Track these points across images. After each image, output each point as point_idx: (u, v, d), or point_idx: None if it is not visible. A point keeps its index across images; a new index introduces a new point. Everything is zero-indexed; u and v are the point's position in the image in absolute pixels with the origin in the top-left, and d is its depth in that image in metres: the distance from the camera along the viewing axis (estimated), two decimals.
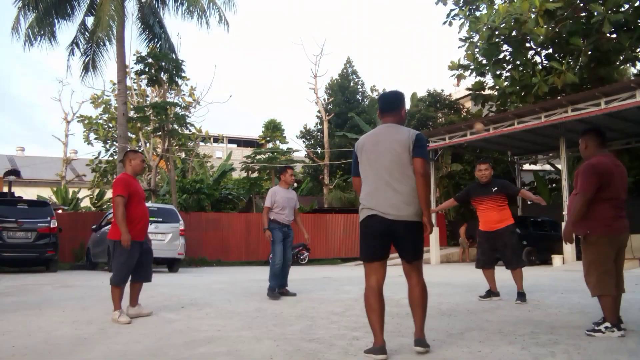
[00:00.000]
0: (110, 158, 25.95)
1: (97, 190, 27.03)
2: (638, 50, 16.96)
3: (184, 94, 24.70)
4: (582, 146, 4.22)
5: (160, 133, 19.94)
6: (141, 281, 5.20)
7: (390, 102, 3.64)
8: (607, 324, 3.89)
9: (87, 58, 17.87)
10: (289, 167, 6.98)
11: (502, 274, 6.32)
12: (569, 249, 13.39)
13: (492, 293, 6.12)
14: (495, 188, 6.05)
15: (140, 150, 25.28)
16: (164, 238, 12.55)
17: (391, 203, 3.37)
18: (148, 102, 22.99)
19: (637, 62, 18.08)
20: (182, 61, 18.60)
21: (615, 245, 4.02)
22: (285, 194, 6.66)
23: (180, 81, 20.54)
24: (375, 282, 3.40)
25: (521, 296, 5.78)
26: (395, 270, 5.53)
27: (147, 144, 24.51)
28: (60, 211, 20.29)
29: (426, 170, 3.43)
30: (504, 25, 15.97)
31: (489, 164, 6.23)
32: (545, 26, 15.82)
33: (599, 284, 3.93)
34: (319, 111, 27.99)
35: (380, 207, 3.38)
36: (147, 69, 18.62)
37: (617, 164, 4.09)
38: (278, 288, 6.54)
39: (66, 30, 63.22)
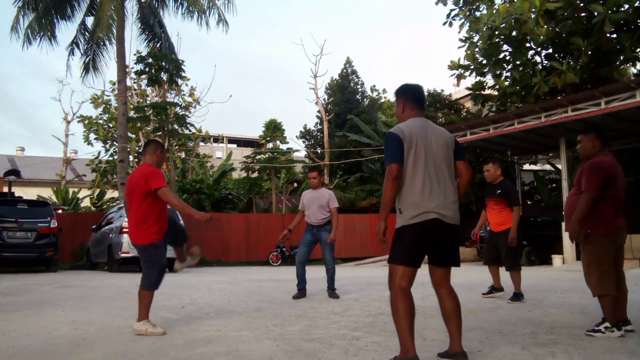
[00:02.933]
0: (110, 158, 25.95)
1: (97, 190, 27.02)
2: (638, 50, 16.95)
3: (184, 94, 24.74)
4: (587, 145, 4.16)
5: (160, 133, 19.95)
6: (181, 244, 4.83)
7: (423, 97, 3.44)
8: (607, 324, 3.89)
9: (88, 58, 17.88)
10: (311, 169, 6.89)
11: (503, 274, 6.32)
12: (568, 249, 13.38)
13: (495, 289, 6.19)
14: (499, 191, 6.11)
15: (141, 150, 25.30)
16: None
17: (446, 204, 3.14)
18: (148, 102, 22.99)
19: (637, 62, 18.08)
20: (182, 61, 18.62)
21: (615, 244, 4.03)
22: (312, 194, 6.57)
23: (180, 81, 20.55)
24: (408, 285, 3.12)
25: (515, 296, 5.81)
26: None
27: None
28: (60, 211, 20.28)
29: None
30: (504, 25, 15.96)
31: (492, 163, 6.25)
32: (545, 26, 15.81)
33: (600, 283, 3.93)
34: (319, 111, 27.99)
35: (439, 209, 3.10)
36: (147, 69, 18.62)
37: (617, 164, 4.10)
38: (327, 290, 6.53)
39: (66, 30, 63.14)
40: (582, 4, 15.89)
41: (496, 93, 19.24)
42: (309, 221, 6.54)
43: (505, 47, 17.97)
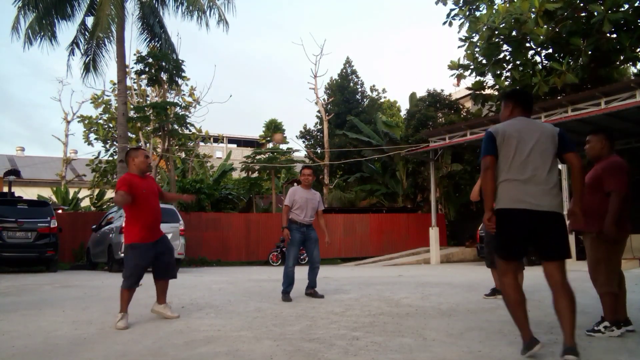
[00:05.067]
0: (110, 158, 25.94)
1: (97, 190, 27.01)
2: (638, 50, 16.95)
3: (184, 94, 24.69)
4: (596, 145, 4.17)
5: (160, 133, 19.93)
6: (165, 278, 5.04)
7: (531, 101, 3.65)
8: (606, 323, 3.89)
9: (88, 58, 17.85)
10: (305, 167, 6.84)
11: None
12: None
13: (497, 291, 6.17)
14: None
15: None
16: None
17: (538, 194, 3.27)
18: (148, 102, 22.98)
19: (637, 62, 18.07)
20: (182, 61, 18.60)
21: (625, 243, 4.05)
22: (305, 194, 6.50)
23: (180, 81, 20.53)
24: (514, 279, 3.34)
25: None
26: (393, 270, 5.52)
27: (147, 144, 24.51)
28: (60, 211, 20.28)
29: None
30: (503, 25, 15.95)
31: None
32: (545, 26, 15.80)
33: (607, 281, 3.93)
34: (318, 111, 27.99)
35: (536, 199, 3.26)
36: (147, 69, 18.60)
37: None
38: (307, 289, 6.53)
39: (66, 30, 63.18)
40: (581, 4, 15.88)
41: (496, 93, 19.24)
42: (299, 220, 6.42)
43: (505, 47, 17.96)
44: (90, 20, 17.74)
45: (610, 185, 3.96)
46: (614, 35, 16.35)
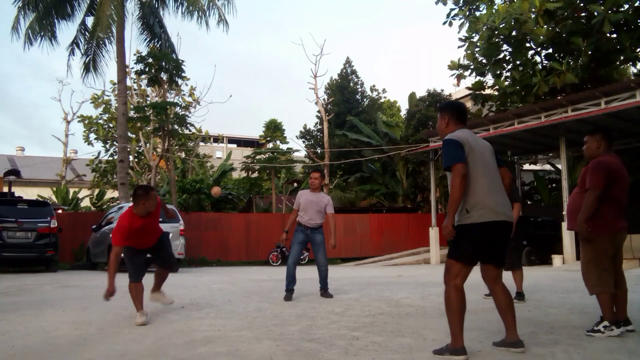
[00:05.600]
0: (110, 158, 25.93)
1: (97, 190, 27.01)
2: (638, 50, 16.95)
3: (184, 94, 24.67)
4: (592, 145, 4.19)
5: (160, 133, 19.92)
6: (165, 268, 5.30)
7: (466, 113, 3.78)
8: (606, 323, 3.89)
9: (88, 58, 17.85)
10: (314, 170, 6.89)
11: (505, 274, 6.32)
12: (568, 249, 13.38)
13: None
14: None
15: (141, 150, 25.32)
16: None
17: (506, 204, 3.45)
18: (148, 102, 22.97)
19: (637, 62, 18.07)
20: (182, 61, 18.59)
21: (614, 243, 4.04)
22: (310, 197, 6.51)
23: (180, 81, 20.53)
24: (462, 283, 3.41)
25: (519, 295, 5.81)
26: (393, 270, 5.52)
27: (147, 144, 24.51)
28: (60, 211, 20.28)
29: None
30: (503, 25, 15.95)
31: None
32: (545, 26, 15.80)
33: (599, 281, 3.94)
34: (318, 111, 27.99)
35: (506, 210, 3.41)
36: (147, 69, 18.60)
37: (622, 166, 4.11)
38: (320, 290, 6.57)
39: (66, 30, 63.18)
40: (582, 4, 15.88)
41: (496, 93, 19.23)
42: (303, 222, 6.47)
43: (505, 47, 17.97)
44: (90, 20, 17.75)
45: (587, 182, 4.00)
46: (614, 36, 16.35)
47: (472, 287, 7.29)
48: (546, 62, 17.87)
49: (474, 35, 17.77)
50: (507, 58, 18.23)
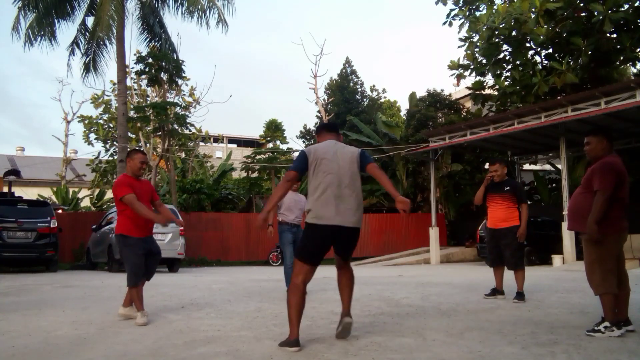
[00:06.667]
0: (110, 158, 25.94)
1: (97, 190, 27.01)
2: (638, 50, 16.95)
3: (184, 94, 24.67)
4: (597, 146, 4.16)
5: (160, 133, 19.93)
6: (145, 279, 5.08)
7: (335, 126, 4.21)
8: (607, 324, 3.88)
9: (88, 58, 17.84)
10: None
11: (506, 273, 6.33)
12: (568, 249, 13.38)
13: (497, 291, 6.16)
14: (507, 187, 6.17)
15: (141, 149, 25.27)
16: (164, 238, 12.56)
17: (345, 211, 3.72)
18: (148, 102, 22.97)
19: (637, 62, 18.07)
20: (182, 61, 18.60)
21: (620, 244, 4.04)
22: (293, 196, 6.90)
23: (180, 81, 20.53)
24: (304, 282, 3.72)
25: (519, 295, 5.82)
26: (393, 270, 5.52)
27: (147, 144, 24.51)
28: (60, 211, 20.29)
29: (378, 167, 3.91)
30: (503, 25, 15.96)
31: (499, 164, 6.30)
32: (545, 26, 15.80)
33: (604, 282, 3.93)
34: (318, 111, 27.99)
35: (339, 215, 3.70)
36: (147, 69, 18.59)
37: (624, 166, 4.12)
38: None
39: (66, 30, 63.21)
40: (582, 4, 15.88)
41: (496, 93, 19.24)
42: (289, 220, 6.84)
43: (505, 47, 17.97)
44: (90, 20, 17.74)
45: (596, 184, 3.97)
46: (614, 36, 16.35)
47: (473, 287, 7.31)
48: (546, 62, 17.87)
49: (474, 35, 17.77)
50: (507, 58, 18.24)
